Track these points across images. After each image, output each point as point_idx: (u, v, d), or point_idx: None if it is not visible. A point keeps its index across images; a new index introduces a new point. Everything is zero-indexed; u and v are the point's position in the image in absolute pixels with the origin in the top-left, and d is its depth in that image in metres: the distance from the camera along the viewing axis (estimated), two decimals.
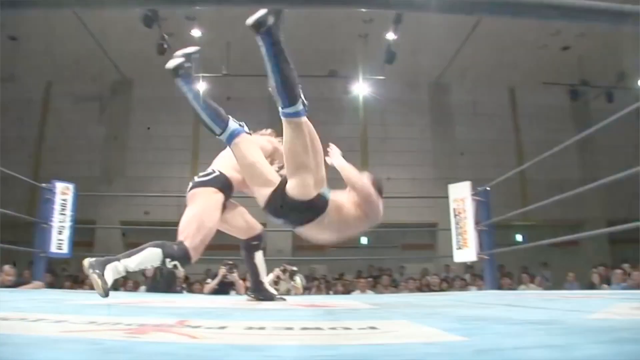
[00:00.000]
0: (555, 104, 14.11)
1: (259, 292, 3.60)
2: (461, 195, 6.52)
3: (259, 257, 3.59)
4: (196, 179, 3.20)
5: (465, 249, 6.01)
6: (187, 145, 13.83)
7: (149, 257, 2.74)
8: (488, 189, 6.42)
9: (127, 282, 8.76)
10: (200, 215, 3.00)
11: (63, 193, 6.30)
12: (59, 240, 6.17)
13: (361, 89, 13.41)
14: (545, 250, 12.59)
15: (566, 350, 1.12)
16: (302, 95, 2.51)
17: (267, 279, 3.81)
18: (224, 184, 3.16)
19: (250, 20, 2.36)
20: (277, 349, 1.08)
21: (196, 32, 11.20)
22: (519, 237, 13.64)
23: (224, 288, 6.18)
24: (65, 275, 10.96)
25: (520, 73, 13.61)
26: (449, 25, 11.18)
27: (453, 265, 10.88)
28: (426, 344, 1.18)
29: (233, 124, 2.86)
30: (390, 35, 11.39)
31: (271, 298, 3.59)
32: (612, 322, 1.67)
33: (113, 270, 2.63)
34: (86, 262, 2.61)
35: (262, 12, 2.35)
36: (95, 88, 13.75)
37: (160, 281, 6.30)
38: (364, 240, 12.69)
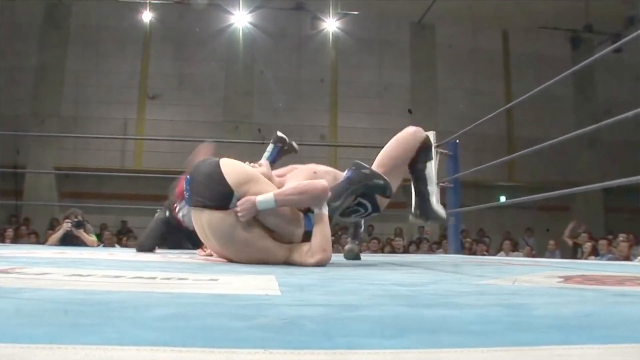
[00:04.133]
0: (553, 53, 13.95)
1: None
2: None
3: None
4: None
5: None
6: (134, 83, 13.64)
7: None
8: (457, 141, 6.45)
9: None
10: None
11: None
12: None
13: (332, 25, 13.25)
14: (532, 215, 12.83)
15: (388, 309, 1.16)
16: None
17: None
18: None
19: None
20: (43, 292, 1.13)
21: None
22: (503, 199, 13.82)
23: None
24: None
25: (516, 15, 13.48)
26: None
27: (428, 228, 11.03)
28: (234, 296, 1.23)
29: None
30: None
31: None
32: (494, 288, 1.71)
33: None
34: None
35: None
36: (24, 14, 13.30)
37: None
38: None
